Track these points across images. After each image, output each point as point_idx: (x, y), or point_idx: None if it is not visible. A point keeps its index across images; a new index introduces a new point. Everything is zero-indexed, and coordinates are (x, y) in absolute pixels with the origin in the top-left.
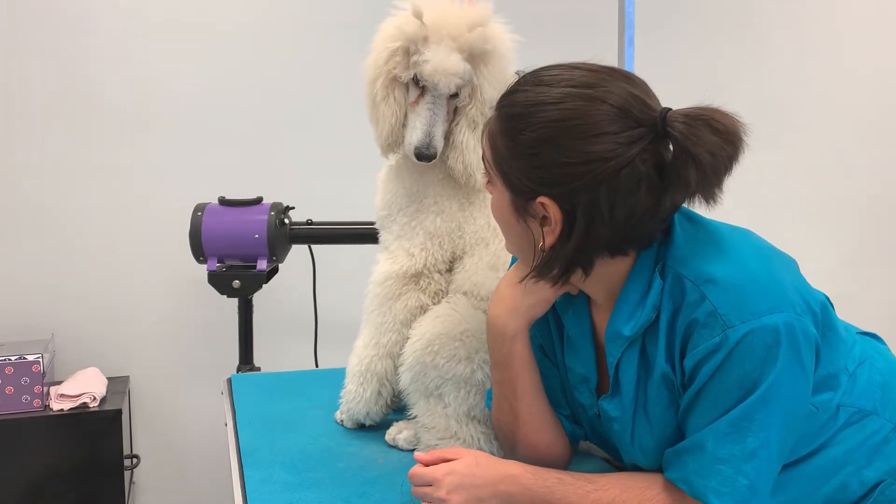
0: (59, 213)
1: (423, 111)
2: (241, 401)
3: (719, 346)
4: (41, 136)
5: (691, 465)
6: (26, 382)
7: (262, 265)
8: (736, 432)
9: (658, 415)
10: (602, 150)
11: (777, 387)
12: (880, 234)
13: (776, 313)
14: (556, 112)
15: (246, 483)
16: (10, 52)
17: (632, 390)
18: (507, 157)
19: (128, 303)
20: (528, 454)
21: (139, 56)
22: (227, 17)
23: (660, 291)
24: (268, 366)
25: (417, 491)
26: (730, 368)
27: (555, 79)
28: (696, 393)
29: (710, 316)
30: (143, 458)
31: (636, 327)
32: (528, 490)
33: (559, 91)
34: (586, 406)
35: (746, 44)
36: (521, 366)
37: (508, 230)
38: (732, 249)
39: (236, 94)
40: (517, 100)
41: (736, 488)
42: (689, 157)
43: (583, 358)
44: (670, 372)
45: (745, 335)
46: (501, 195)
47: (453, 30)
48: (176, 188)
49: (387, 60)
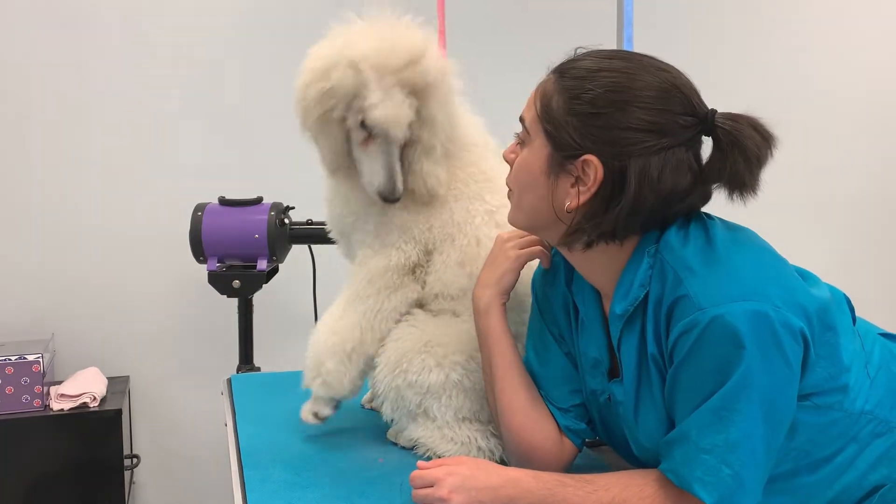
0: (60, 212)
1: (378, 156)
2: (241, 401)
3: (691, 326)
4: (41, 136)
5: (678, 455)
6: (26, 382)
7: (262, 265)
8: (718, 422)
9: (657, 398)
10: (664, 125)
11: (752, 374)
12: (879, 234)
13: (748, 301)
14: (626, 80)
15: (246, 483)
16: (11, 51)
17: (632, 372)
18: (562, 113)
19: (128, 303)
20: (512, 441)
21: (139, 55)
22: (227, 16)
23: (648, 269)
24: (268, 366)
25: (418, 494)
26: (702, 351)
27: (628, 55)
28: (674, 374)
29: (684, 298)
30: (143, 458)
31: (626, 305)
32: (530, 493)
33: (632, 64)
34: (597, 391)
35: (745, 43)
36: (495, 340)
37: (530, 190)
38: (718, 243)
39: (237, 94)
40: (583, 65)
41: (720, 478)
42: (736, 148)
43: (594, 341)
44: (657, 353)
45: (714, 318)
46: (538, 152)
47: (394, 69)
48: (176, 188)
49: (319, 101)
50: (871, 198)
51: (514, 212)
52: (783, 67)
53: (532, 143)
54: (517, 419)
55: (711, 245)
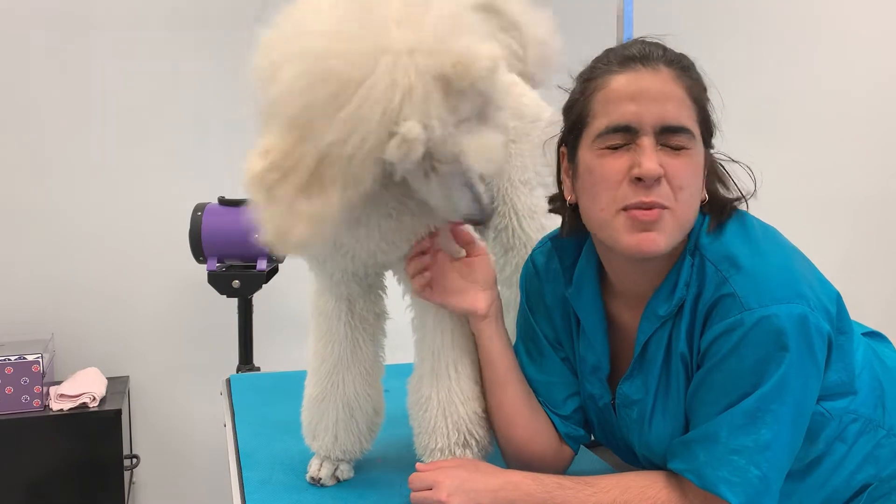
0: (60, 212)
1: (447, 179)
2: (241, 401)
3: (735, 326)
4: (41, 136)
5: (702, 455)
6: (26, 382)
7: (262, 265)
8: (751, 423)
9: (675, 398)
10: None
11: (790, 378)
12: (879, 234)
13: (793, 303)
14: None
15: (245, 484)
16: (11, 51)
17: (657, 370)
18: (701, 95)
19: (128, 303)
20: (512, 452)
21: (139, 55)
22: (228, 16)
23: (690, 268)
24: (268, 366)
25: (417, 496)
26: (744, 352)
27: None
28: (707, 372)
29: (730, 297)
30: (142, 458)
31: (671, 306)
32: (529, 496)
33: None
34: (596, 396)
35: (746, 44)
36: (495, 348)
37: (698, 185)
38: (756, 240)
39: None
40: (679, 55)
41: (747, 479)
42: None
43: (595, 347)
44: (687, 353)
45: (761, 319)
46: (699, 153)
47: (480, 78)
48: (176, 188)
49: (374, 147)
50: (874, 198)
51: (682, 219)
52: (786, 68)
53: (692, 148)
54: (517, 433)
55: (751, 241)
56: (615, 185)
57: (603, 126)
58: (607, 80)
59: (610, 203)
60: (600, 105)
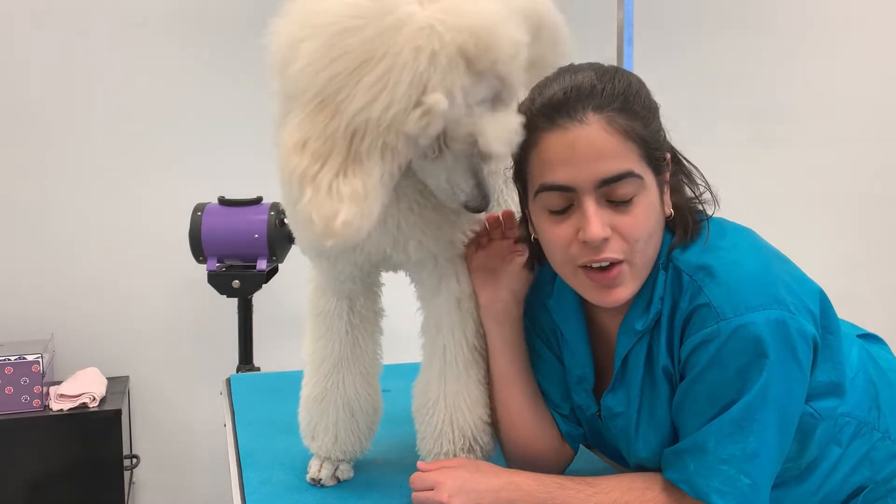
0: (60, 212)
1: (453, 163)
2: (241, 401)
3: (712, 336)
4: (41, 136)
5: (692, 465)
6: (26, 382)
7: (262, 265)
8: (738, 432)
9: (661, 409)
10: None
11: (772, 384)
12: (880, 233)
13: (770, 309)
14: (637, 82)
15: (245, 484)
16: (11, 51)
17: (638, 383)
18: (642, 130)
19: (128, 303)
20: (514, 451)
21: (139, 55)
22: (228, 16)
23: (664, 283)
24: (268, 366)
25: (418, 496)
26: (724, 362)
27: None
28: (691, 383)
29: (705, 307)
30: (142, 458)
31: (647, 321)
32: (530, 496)
33: (621, 70)
34: (583, 406)
35: (746, 43)
36: (510, 347)
37: (655, 225)
38: (730, 246)
39: (236, 94)
40: (608, 88)
41: (738, 487)
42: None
43: (578, 359)
44: (669, 365)
45: (738, 328)
46: (651, 187)
47: (501, 60)
48: (176, 188)
49: (399, 113)
50: (872, 198)
51: (642, 265)
52: (784, 68)
53: (643, 183)
54: (521, 433)
55: (724, 247)
56: (566, 247)
57: (539, 185)
58: (538, 138)
59: (566, 262)
60: (535, 165)
